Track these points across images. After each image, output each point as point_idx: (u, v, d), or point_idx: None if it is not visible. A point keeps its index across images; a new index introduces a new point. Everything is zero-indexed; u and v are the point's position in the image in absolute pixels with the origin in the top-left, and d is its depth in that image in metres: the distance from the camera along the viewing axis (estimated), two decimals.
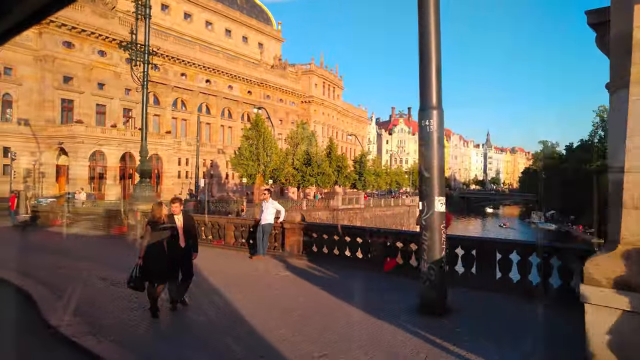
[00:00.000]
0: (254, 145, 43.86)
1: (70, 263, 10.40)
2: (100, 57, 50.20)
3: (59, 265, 10.11)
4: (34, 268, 9.29)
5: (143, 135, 15.81)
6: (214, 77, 64.00)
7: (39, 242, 15.07)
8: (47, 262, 10.26)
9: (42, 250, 12.47)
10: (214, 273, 9.25)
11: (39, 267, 9.56)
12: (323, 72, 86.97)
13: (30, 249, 12.76)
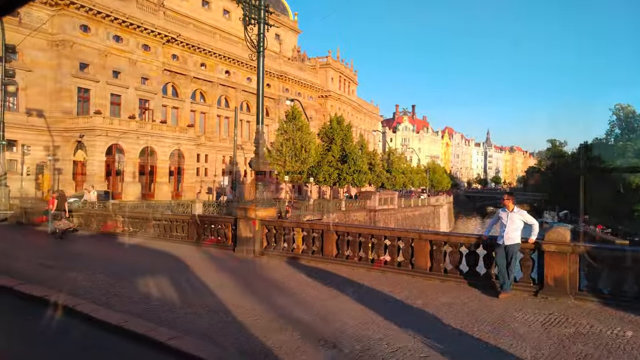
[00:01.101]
0: (291, 140, 40.09)
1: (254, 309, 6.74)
2: (115, 42, 46.03)
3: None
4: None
5: (260, 117, 12.05)
6: (234, 68, 60.08)
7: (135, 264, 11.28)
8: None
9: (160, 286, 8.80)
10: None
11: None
12: (339, 66, 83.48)
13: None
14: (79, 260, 10.81)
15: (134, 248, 13.07)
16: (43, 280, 8.36)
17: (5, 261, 10.20)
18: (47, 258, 11.08)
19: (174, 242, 13.66)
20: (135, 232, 15.12)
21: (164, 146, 45.56)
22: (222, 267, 9.90)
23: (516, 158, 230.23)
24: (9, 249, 13.80)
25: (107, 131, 39.77)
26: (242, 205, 11.68)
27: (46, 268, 9.49)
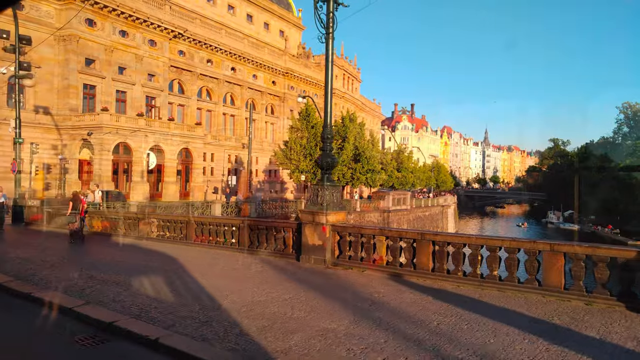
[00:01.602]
0: (305, 138, 38.79)
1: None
2: (121, 37, 44.50)
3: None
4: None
5: (328, 110, 10.76)
6: (240, 65, 58.71)
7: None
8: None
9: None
10: None
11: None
12: (344, 63, 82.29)
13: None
14: (129, 272, 9.49)
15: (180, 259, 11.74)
16: (105, 302, 7.08)
17: (56, 273, 8.91)
18: (94, 269, 9.79)
19: (222, 250, 12.37)
20: (175, 238, 13.78)
21: (172, 145, 44.13)
22: (301, 281, 8.63)
23: (514, 157, 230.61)
24: (49, 257, 12.48)
25: (117, 129, 38.24)
26: (308, 209, 10.37)
27: (103, 284, 8.20)
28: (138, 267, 10.26)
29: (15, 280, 8.57)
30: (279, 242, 11.31)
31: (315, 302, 7.17)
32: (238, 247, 12.06)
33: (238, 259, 11.21)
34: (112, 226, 16.38)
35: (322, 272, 9.55)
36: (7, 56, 36.42)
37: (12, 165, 21.87)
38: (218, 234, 12.67)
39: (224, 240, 12.50)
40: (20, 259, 11.09)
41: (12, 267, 9.96)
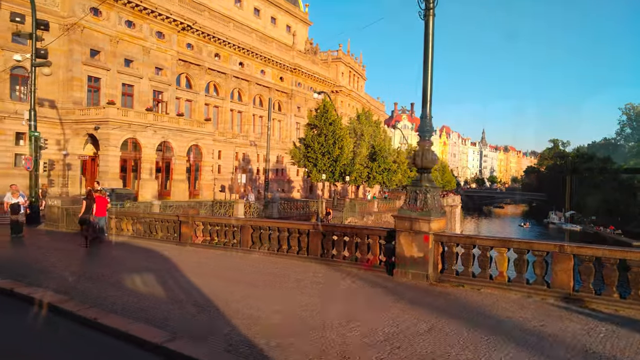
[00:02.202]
0: (323, 135, 37.28)
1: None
2: (127, 28, 42.67)
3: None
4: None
5: (427, 96, 9.21)
6: (247, 60, 57.03)
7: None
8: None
9: None
10: None
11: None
12: (350, 60, 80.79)
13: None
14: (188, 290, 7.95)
15: (247, 270, 10.19)
16: (201, 336, 5.56)
17: (110, 293, 7.35)
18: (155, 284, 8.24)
19: (287, 258, 10.81)
20: (226, 245, 12.20)
21: (182, 141, 42.41)
22: (415, 303, 7.15)
23: (510, 158, 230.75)
24: (83, 266, 10.92)
25: (128, 124, 36.49)
26: (404, 214, 8.89)
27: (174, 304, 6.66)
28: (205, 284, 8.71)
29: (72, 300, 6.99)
30: (361, 251, 9.79)
31: (467, 334, 5.70)
32: (307, 256, 10.52)
33: (313, 270, 9.67)
34: (147, 229, 14.74)
35: (429, 290, 8.06)
36: (11, 46, 34.95)
37: (26, 161, 20.12)
38: (281, 241, 11.11)
39: (288, 248, 10.95)
40: (72, 273, 9.50)
41: (60, 284, 8.40)
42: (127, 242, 14.45)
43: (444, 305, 7.15)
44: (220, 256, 11.56)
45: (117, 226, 16.01)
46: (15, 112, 33.37)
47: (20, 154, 34.87)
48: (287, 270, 9.67)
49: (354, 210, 35.90)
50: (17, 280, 8.68)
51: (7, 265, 10.58)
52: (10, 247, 13.72)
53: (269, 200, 31.21)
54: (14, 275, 9.06)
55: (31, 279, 8.90)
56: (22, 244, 14.33)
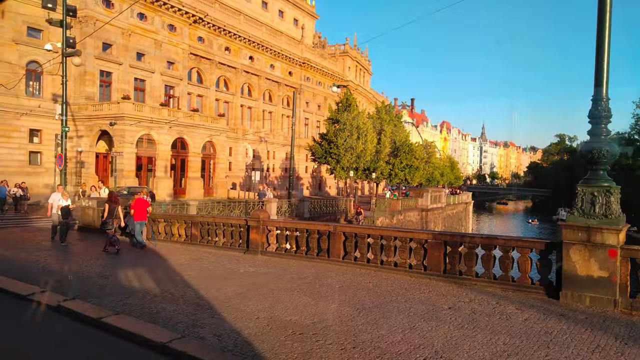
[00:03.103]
0: (346, 131, 35.80)
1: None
2: (139, 21, 40.95)
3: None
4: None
5: (603, 75, 7.68)
6: (257, 54, 55.38)
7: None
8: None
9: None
10: None
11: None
12: (356, 54, 79.28)
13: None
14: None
15: (360, 287, 8.71)
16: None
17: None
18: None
19: (394, 273, 9.33)
20: (309, 254, 10.72)
21: (196, 137, 40.81)
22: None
23: (510, 153, 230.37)
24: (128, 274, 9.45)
25: (143, 120, 34.86)
26: (578, 223, 7.45)
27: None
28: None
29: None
30: (504, 267, 8.28)
31: None
32: (425, 272, 9.02)
33: (445, 291, 8.19)
34: (204, 234, 13.23)
35: (632, 324, 6.54)
36: (26, 40, 33.22)
37: (58, 159, 18.53)
38: (386, 252, 9.64)
39: (395, 261, 9.48)
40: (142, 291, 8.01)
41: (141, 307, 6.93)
42: (183, 249, 12.95)
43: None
44: (309, 268, 10.08)
45: (167, 230, 14.50)
46: (39, 106, 31.76)
47: (35, 151, 33.27)
48: (415, 292, 8.17)
49: (384, 210, 34.47)
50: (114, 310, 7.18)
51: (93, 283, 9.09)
52: (76, 260, 12.18)
53: (301, 198, 29.72)
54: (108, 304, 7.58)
55: (115, 304, 7.43)
56: (85, 255, 12.76)
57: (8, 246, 13.64)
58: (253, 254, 11.73)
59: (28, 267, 10.81)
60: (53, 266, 10.98)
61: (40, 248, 13.65)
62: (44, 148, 34.85)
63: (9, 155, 31.80)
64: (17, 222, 20.02)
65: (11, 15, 32.29)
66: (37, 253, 12.67)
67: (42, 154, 34.76)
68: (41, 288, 8.68)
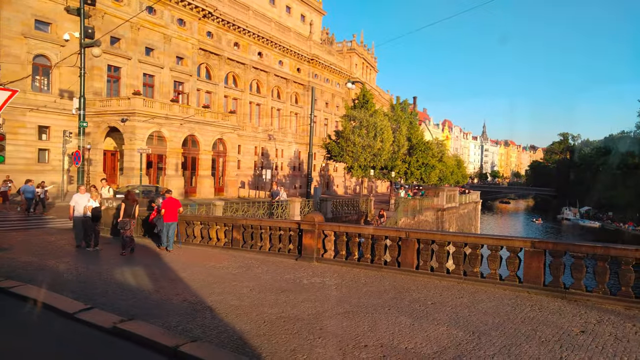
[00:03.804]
0: (364, 128, 34.74)
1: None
2: (148, 14, 39.74)
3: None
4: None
5: None
6: (266, 50, 54.25)
7: None
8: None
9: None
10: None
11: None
12: (363, 51, 78.25)
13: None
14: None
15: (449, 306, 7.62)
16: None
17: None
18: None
19: (484, 285, 8.27)
20: (379, 263, 9.64)
21: (207, 135, 39.69)
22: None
23: (510, 152, 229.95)
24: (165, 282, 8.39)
25: (155, 116, 33.72)
26: None
27: None
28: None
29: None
30: (624, 281, 7.19)
31: None
32: (520, 284, 7.93)
33: (557, 309, 7.14)
34: (247, 239, 12.15)
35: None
36: (34, 34, 31.99)
37: (74, 157, 17.36)
38: (471, 261, 8.56)
39: (480, 271, 8.42)
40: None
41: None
42: (225, 254, 11.87)
43: None
44: (381, 280, 9.02)
45: (204, 234, 13.41)
46: (54, 101, 30.57)
47: (43, 148, 32.12)
48: (524, 309, 7.07)
49: (406, 210, 33.43)
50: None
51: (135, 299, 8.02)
52: (112, 270, 11.08)
53: (322, 198, 28.65)
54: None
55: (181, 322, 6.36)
56: (124, 264, 11.63)
57: (33, 250, 12.53)
58: (307, 261, 10.66)
59: (61, 276, 9.72)
60: (88, 275, 9.88)
61: (67, 253, 12.54)
62: (51, 145, 33.69)
63: (15, 152, 30.60)
64: (35, 224, 18.92)
65: (20, 8, 31.08)
66: (66, 259, 11.57)
67: (49, 151, 33.59)
68: (85, 303, 7.59)
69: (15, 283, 8.66)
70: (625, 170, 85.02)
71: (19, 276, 9.39)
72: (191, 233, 13.73)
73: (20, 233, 16.02)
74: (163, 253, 12.68)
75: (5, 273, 9.57)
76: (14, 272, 9.66)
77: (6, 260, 10.83)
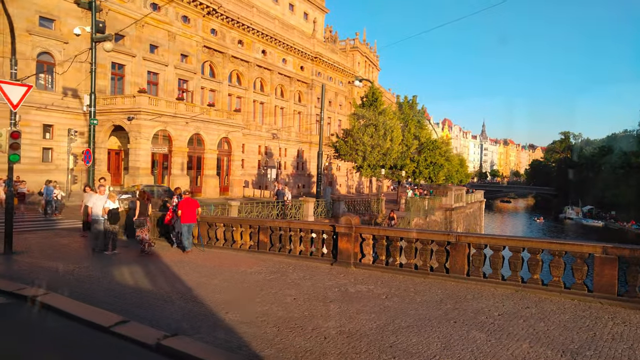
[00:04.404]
0: (373, 126, 34.16)
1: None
2: (152, 11, 38.97)
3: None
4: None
5: None
6: (270, 48, 53.59)
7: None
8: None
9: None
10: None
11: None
12: (365, 49, 77.68)
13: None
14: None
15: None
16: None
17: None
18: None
19: (541, 293, 7.67)
20: (424, 268, 9.03)
21: (212, 134, 39.05)
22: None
23: (509, 151, 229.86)
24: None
25: (162, 114, 33.05)
26: None
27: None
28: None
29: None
30: None
31: None
32: (589, 294, 7.27)
33: (637, 322, 6.56)
34: (275, 242, 11.53)
35: None
36: (38, 30, 31.23)
37: (85, 155, 16.70)
38: (531, 268, 7.94)
39: (543, 280, 7.82)
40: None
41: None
42: (252, 258, 11.26)
43: None
44: (431, 287, 8.43)
45: (227, 236, 12.79)
46: (62, 98, 29.91)
47: (47, 147, 31.37)
48: (606, 322, 6.43)
49: (417, 210, 32.86)
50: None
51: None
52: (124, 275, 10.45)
53: (335, 198, 28.05)
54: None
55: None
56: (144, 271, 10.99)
57: (50, 254, 11.91)
58: (344, 266, 10.05)
59: (84, 282, 9.10)
60: (113, 281, 9.26)
61: (85, 257, 11.91)
62: (54, 144, 32.98)
63: (21, 151, 29.87)
64: (45, 225, 18.32)
65: (25, 4, 30.37)
66: (85, 264, 10.94)
67: (53, 150, 32.88)
68: (120, 316, 6.96)
69: (41, 291, 8.04)
70: (628, 170, 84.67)
71: (41, 283, 8.77)
72: (213, 235, 13.11)
73: (32, 235, 15.38)
74: (186, 256, 12.06)
75: (28, 279, 8.95)
76: (36, 278, 9.04)
77: (25, 265, 10.22)
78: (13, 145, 10.99)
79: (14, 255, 11.34)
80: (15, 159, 10.99)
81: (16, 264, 10.49)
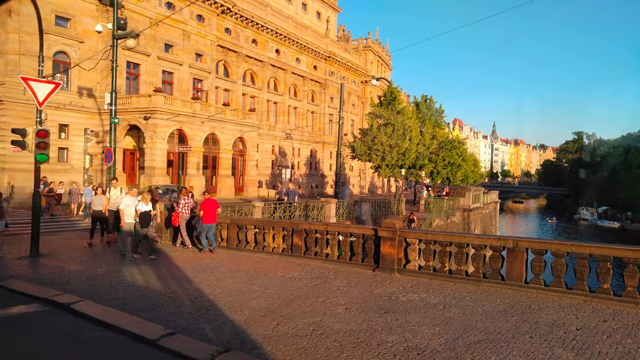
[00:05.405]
0: (391, 126, 33.55)
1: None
2: (167, 10, 38.73)
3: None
4: None
5: None
6: (284, 47, 53.18)
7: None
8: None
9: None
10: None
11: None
12: (378, 49, 77.05)
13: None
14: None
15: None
16: None
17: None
18: None
19: (614, 304, 7.08)
20: (476, 274, 8.47)
21: (228, 133, 38.65)
22: None
23: (520, 151, 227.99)
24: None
25: (179, 113, 32.72)
26: None
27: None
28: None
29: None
30: None
31: None
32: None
33: None
34: (311, 245, 11.03)
35: None
36: (54, 29, 31.03)
37: (105, 154, 16.33)
38: (600, 276, 7.35)
39: (608, 288, 7.24)
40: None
41: None
42: (286, 262, 10.77)
43: None
44: (488, 296, 7.87)
45: (258, 239, 12.30)
46: (80, 96, 29.71)
47: (63, 147, 31.14)
48: None
49: (438, 211, 32.24)
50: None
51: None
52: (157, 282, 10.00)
53: (357, 199, 27.52)
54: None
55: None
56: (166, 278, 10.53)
57: (76, 257, 11.48)
58: (387, 272, 9.52)
59: (117, 289, 8.64)
60: (149, 288, 8.79)
61: (114, 261, 11.47)
62: (70, 144, 32.76)
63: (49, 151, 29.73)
64: (63, 226, 17.94)
65: (40, 3, 29.98)
66: (114, 268, 10.50)
67: (68, 150, 32.66)
68: (163, 327, 6.49)
69: (74, 298, 7.60)
70: (634, 170, 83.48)
71: (73, 289, 8.33)
72: (243, 238, 12.64)
73: (54, 236, 15.01)
74: (216, 259, 11.58)
75: (58, 284, 8.52)
76: (67, 284, 8.60)
77: (54, 269, 9.79)
78: (40, 144, 10.56)
79: (41, 259, 10.95)
80: (43, 159, 10.59)
81: (44, 267, 10.08)
